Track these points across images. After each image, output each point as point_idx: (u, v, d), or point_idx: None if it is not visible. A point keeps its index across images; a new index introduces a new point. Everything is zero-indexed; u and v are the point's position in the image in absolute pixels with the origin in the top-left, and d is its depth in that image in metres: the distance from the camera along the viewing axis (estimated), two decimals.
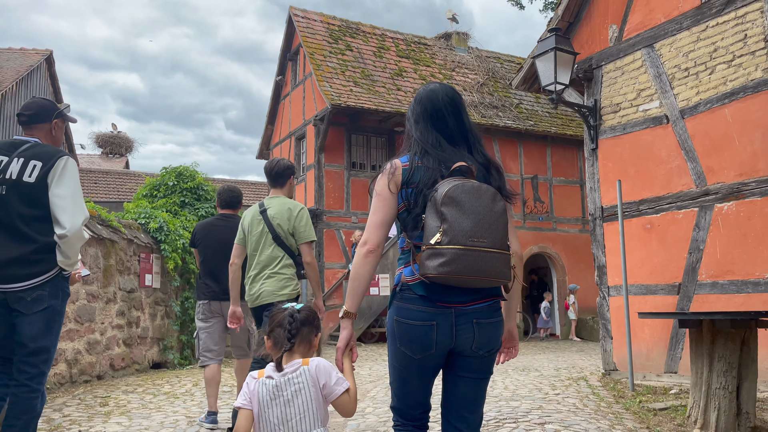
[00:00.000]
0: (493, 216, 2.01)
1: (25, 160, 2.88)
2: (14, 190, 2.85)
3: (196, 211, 9.99)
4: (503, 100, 16.00)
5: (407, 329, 2.04)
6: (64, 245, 2.85)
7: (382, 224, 2.10)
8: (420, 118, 2.20)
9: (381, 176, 2.14)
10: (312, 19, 15.66)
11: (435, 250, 1.94)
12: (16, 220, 2.83)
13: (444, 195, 1.97)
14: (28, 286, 2.78)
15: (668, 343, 6.25)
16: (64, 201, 2.86)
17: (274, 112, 17.68)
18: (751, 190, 5.60)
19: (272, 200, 4.07)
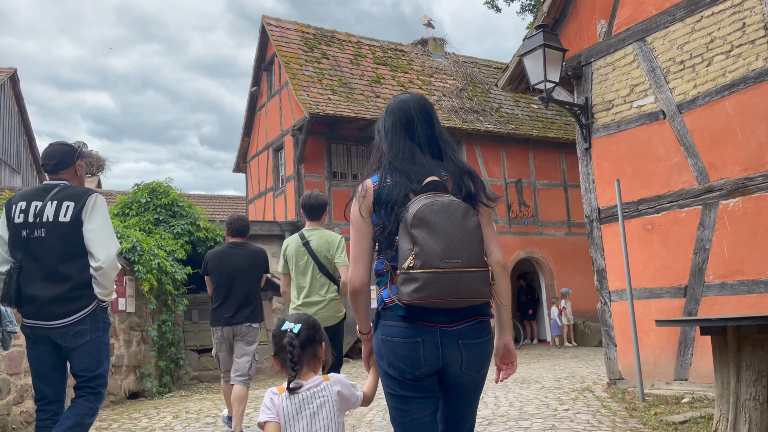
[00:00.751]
0: (465, 234, 1.91)
1: (59, 202, 3.09)
2: (52, 231, 3.06)
3: (172, 229, 9.52)
4: (483, 104, 15.78)
5: (392, 347, 1.97)
6: (101, 276, 3.07)
7: (362, 257, 2.05)
8: (390, 129, 2.13)
9: (354, 201, 2.07)
10: (286, 28, 15.30)
11: (408, 275, 1.87)
12: (56, 260, 3.05)
13: (413, 216, 1.89)
14: (70, 322, 3.03)
15: (676, 348, 5.95)
16: (96, 234, 3.09)
17: (250, 124, 17.24)
18: (758, 185, 5.34)
19: (312, 232, 4.43)
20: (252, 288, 4.96)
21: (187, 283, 9.22)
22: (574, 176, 16.17)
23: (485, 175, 14.84)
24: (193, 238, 9.78)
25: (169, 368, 8.53)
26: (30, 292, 3.04)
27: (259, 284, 5.08)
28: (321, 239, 4.34)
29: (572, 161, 16.24)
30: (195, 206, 10.35)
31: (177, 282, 8.81)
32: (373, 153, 2.19)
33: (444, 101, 15.23)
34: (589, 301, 14.93)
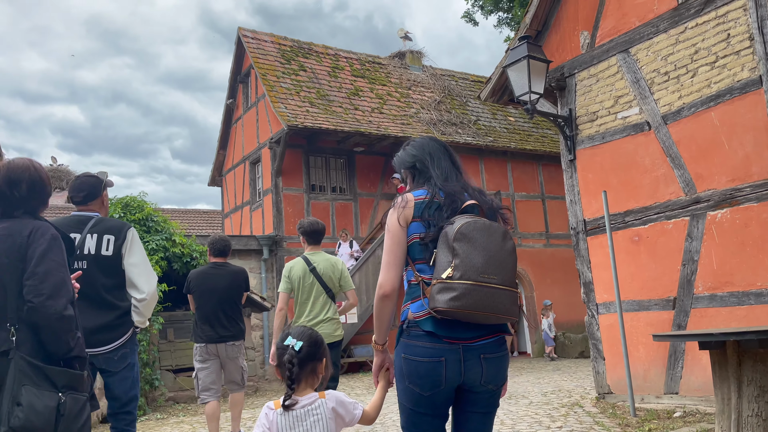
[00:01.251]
0: (503, 254, 2.06)
1: (99, 235, 3.28)
2: (95, 264, 3.25)
3: (146, 245, 9.21)
4: (461, 117, 15.77)
5: (416, 366, 2.06)
6: (143, 307, 3.33)
7: (395, 263, 2.14)
8: (425, 158, 2.33)
9: (392, 211, 2.19)
10: (262, 40, 15.12)
11: (446, 284, 1.98)
12: (101, 290, 3.25)
13: (456, 231, 2.02)
14: (115, 347, 3.25)
15: (666, 362, 5.88)
16: (138, 268, 3.33)
17: (225, 136, 16.96)
18: (745, 195, 5.32)
19: (315, 256, 4.82)
20: (234, 306, 5.28)
21: (163, 301, 8.92)
22: (551, 188, 16.23)
23: None
24: (169, 254, 9.49)
25: (144, 390, 8.21)
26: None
27: (241, 302, 5.39)
28: (326, 263, 4.80)
29: (550, 173, 16.31)
30: (170, 221, 10.06)
31: None
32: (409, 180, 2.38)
33: (422, 114, 15.18)
34: (569, 313, 14.93)
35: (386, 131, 13.77)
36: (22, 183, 2.30)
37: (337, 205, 14.32)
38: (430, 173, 2.29)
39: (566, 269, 15.41)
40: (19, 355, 2.10)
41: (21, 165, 2.33)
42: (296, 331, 2.16)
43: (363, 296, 12.33)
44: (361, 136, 13.57)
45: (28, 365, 2.10)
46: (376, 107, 14.79)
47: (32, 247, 2.20)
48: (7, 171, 2.30)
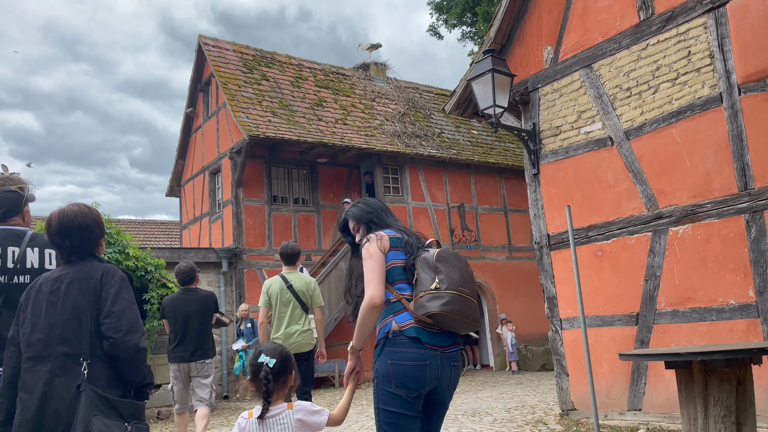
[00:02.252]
0: (469, 273, 2.59)
1: (40, 249, 3.05)
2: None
3: None
4: (425, 129, 15.75)
5: (403, 369, 2.39)
6: None
7: (381, 280, 2.50)
8: (380, 213, 2.82)
9: (371, 243, 2.59)
10: (224, 48, 14.84)
11: (435, 294, 2.44)
12: None
13: (437, 255, 2.55)
14: None
15: (629, 378, 5.86)
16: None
17: (184, 146, 16.56)
18: (706, 212, 5.35)
19: (291, 275, 5.45)
20: (204, 328, 5.82)
21: None
22: (514, 201, 16.33)
23: (428, 199, 14.75)
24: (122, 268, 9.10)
25: None
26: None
27: (210, 324, 5.93)
28: (301, 281, 5.43)
29: (512, 186, 16.41)
30: (124, 233, 9.68)
31: None
32: (365, 228, 2.79)
33: (387, 125, 15.11)
34: (531, 326, 14.98)
35: (350, 142, 13.64)
36: (73, 233, 2.48)
37: (299, 216, 14.09)
38: (387, 222, 2.77)
39: (529, 282, 15.48)
40: (90, 388, 2.29)
41: (71, 214, 2.50)
42: (268, 348, 2.41)
43: (326, 309, 12.09)
44: (324, 147, 13.40)
45: (98, 397, 2.29)
46: (340, 118, 14.65)
47: (105, 288, 2.41)
48: (59, 222, 2.49)
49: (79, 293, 2.41)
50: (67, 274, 2.47)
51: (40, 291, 2.47)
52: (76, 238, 2.48)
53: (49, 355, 2.35)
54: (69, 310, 2.40)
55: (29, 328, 2.41)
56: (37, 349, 2.37)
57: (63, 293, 2.42)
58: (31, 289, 2.52)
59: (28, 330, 2.41)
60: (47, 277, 2.52)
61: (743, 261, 5.10)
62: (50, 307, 2.42)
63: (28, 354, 2.38)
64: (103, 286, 2.42)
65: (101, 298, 2.41)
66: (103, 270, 2.48)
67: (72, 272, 2.47)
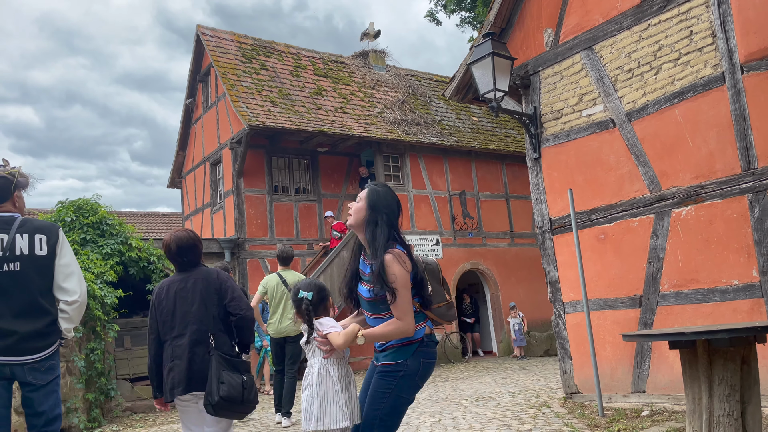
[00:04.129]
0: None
1: (30, 235, 3.09)
2: (30, 265, 3.06)
3: (100, 249, 8.84)
4: (425, 116, 15.68)
5: (429, 367, 2.80)
6: (74, 311, 3.15)
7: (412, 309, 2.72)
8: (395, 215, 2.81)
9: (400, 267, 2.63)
10: (222, 38, 14.76)
11: (450, 304, 2.96)
12: (35, 293, 3.05)
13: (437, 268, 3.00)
14: (42, 357, 3.04)
15: (633, 360, 5.86)
16: (70, 268, 3.16)
17: (185, 137, 16.52)
18: (709, 192, 5.32)
19: (286, 273, 6.78)
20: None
21: (119, 307, 8.55)
22: (515, 187, 16.29)
23: (429, 187, 14.71)
24: (125, 259, 9.12)
25: (99, 401, 7.84)
26: (6, 327, 2.97)
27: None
28: (294, 277, 6.71)
29: (513, 172, 16.36)
30: (126, 224, 9.68)
31: (107, 307, 8.15)
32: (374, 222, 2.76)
33: (387, 113, 15.04)
34: (534, 311, 14.99)
35: (350, 131, 13.59)
36: (186, 251, 3.50)
37: (300, 206, 14.07)
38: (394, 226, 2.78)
39: (531, 268, 15.48)
40: (217, 353, 3.32)
41: (183, 237, 3.51)
42: (305, 284, 2.87)
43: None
44: (324, 136, 13.35)
45: (222, 358, 3.31)
46: (340, 107, 14.59)
47: (222, 284, 3.47)
48: (177, 244, 3.48)
49: (204, 288, 3.42)
50: (189, 276, 3.48)
51: (169, 290, 3.46)
52: (189, 255, 3.51)
53: (186, 332, 3.35)
54: (198, 300, 3.39)
55: (169, 316, 3.41)
56: (179, 329, 3.37)
57: (191, 290, 3.42)
58: (161, 290, 3.48)
59: (169, 317, 3.41)
60: (171, 281, 3.50)
61: (747, 241, 5.08)
62: (181, 300, 3.41)
63: (173, 333, 3.38)
64: (220, 283, 3.46)
65: (221, 290, 3.43)
66: (216, 272, 3.53)
67: (192, 275, 3.48)
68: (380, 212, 2.73)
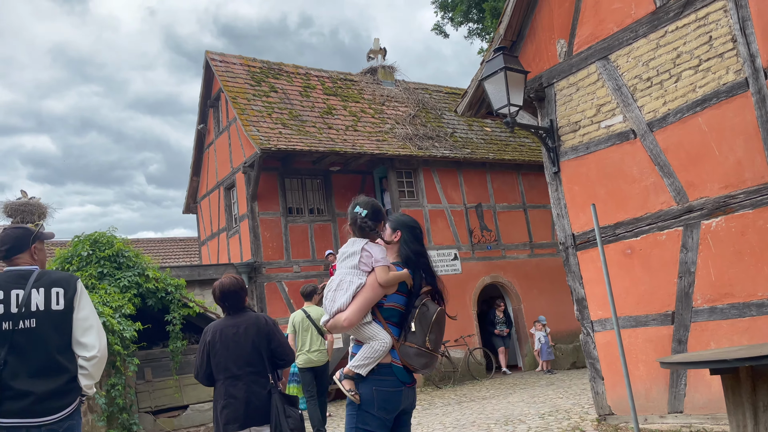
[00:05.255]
0: (443, 330, 2.91)
1: (46, 289, 2.97)
2: (47, 321, 2.94)
3: (118, 282, 8.77)
4: (437, 130, 15.55)
5: (387, 397, 2.73)
6: (93, 367, 3.00)
7: (365, 311, 2.84)
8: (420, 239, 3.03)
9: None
10: (231, 63, 14.79)
11: (423, 352, 2.77)
12: (53, 351, 2.92)
13: (436, 316, 2.83)
14: (61, 417, 2.89)
15: (668, 379, 5.63)
16: (89, 322, 3.02)
17: (198, 162, 16.55)
18: (740, 202, 5.12)
19: (310, 308, 7.44)
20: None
21: (138, 340, 8.47)
22: (532, 197, 16.07)
23: (444, 201, 14.55)
24: (142, 290, 9.05)
25: None
26: (22, 388, 2.85)
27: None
28: (317, 312, 7.32)
29: (529, 182, 16.15)
30: (143, 255, 9.62)
31: (126, 341, 8.06)
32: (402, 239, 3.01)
33: (398, 129, 14.94)
34: (558, 323, 14.70)
35: (362, 149, 13.50)
36: (230, 295, 3.97)
37: (315, 226, 13.97)
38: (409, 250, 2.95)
39: (552, 279, 15.21)
40: (277, 391, 3.84)
41: (228, 283, 3.98)
42: (362, 201, 2.96)
43: None
44: (336, 155, 13.27)
45: (281, 396, 3.84)
46: (351, 125, 14.52)
47: (270, 328, 3.95)
48: (220, 290, 3.98)
49: (255, 334, 3.86)
50: (240, 322, 3.91)
51: (223, 334, 3.86)
52: (231, 299, 3.96)
53: (242, 374, 3.78)
54: (251, 344, 3.83)
55: (223, 359, 3.82)
56: (234, 370, 3.79)
57: (243, 334, 3.84)
58: (215, 334, 3.89)
59: (223, 360, 3.82)
60: (224, 325, 3.92)
61: None
62: (235, 344, 3.83)
63: (227, 374, 3.80)
64: (268, 329, 3.93)
65: (269, 335, 3.90)
66: (264, 318, 3.99)
67: (243, 320, 3.91)
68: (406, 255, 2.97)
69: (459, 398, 10.44)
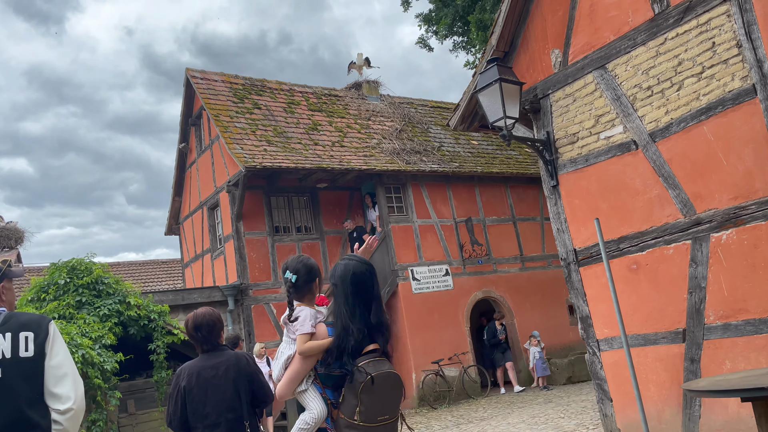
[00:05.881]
0: (396, 396, 2.58)
1: (13, 333, 2.63)
2: (14, 370, 2.59)
3: (97, 311, 8.38)
4: (424, 144, 15.34)
5: None
6: (69, 421, 2.64)
7: (296, 382, 2.69)
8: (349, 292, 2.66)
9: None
10: (212, 80, 14.48)
11: (353, 425, 2.50)
12: (22, 404, 2.56)
13: (362, 386, 2.48)
14: None
15: (681, 400, 5.38)
16: (62, 370, 2.63)
17: (180, 182, 16.15)
18: (751, 214, 4.91)
19: None
20: None
21: (120, 372, 8.06)
22: (521, 209, 15.89)
23: (434, 216, 14.30)
24: (124, 318, 8.66)
25: None
26: None
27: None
28: None
29: (518, 194, 15.98)
30: (124, 281, 9.24)
31: (107, 373, 7.66)
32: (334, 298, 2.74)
33: (385, 144, 14.71)
34: (551, 338, 14.46)
35: (349, 164, 13.23)
36: (205, 329, 3.53)
37: (303, 245, 13.64)
38: (340, 308, 2.62)
39: (544, 292, 15.01)
40: None
41: (202, 315, 3.56)
42: (291, 264, 2.71)
43: None
44: (323, 172, 12.99)
45: None
46: (337, 141, 14.26)
47: (252, 368, 3.56)
48: (194, 324, 3.55)
49: (236, 377, 3.45)
50: (220, 363, 3.49)
51: (200, 377, 3.44)
52: (204, 331, 3.53)
53: (222, 421, 3.40)
54: (232, 388, 3.43)
55: (201, 405, 3.40)
56: (213, 418, 3.39)
57: (223, 377, 3.44)
58: (191, 378, 3.46)
59: (201, 406, 3.40)
60: (200, 367, 3.49)
61: None
62: (214, 388, 3.42)
63: (206, 422, 3.39)
64: (251, 370, 3.53)
65: (251, 376, 3.52)
66: (245, 357, 3.60)
67: (222, 360, 3.50)
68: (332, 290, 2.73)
69: (456, 419, 10.12)
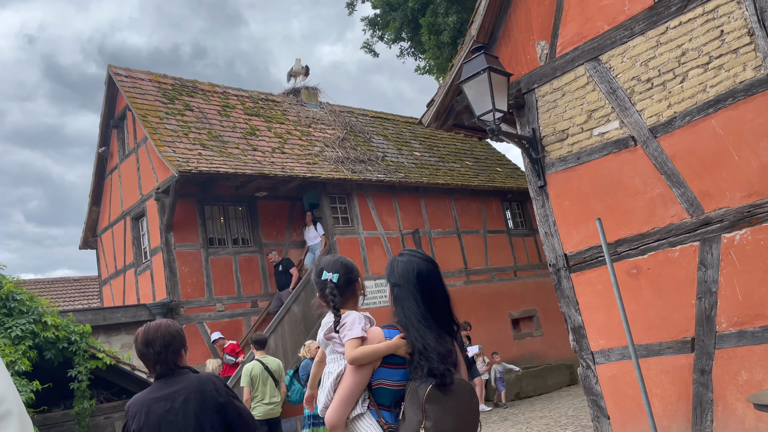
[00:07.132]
0: (470, 416, 2.16)
1: None
2: None
3: (9, 332, 7.12)
4: (368, 153, 14.75)
5: None
6: None
7: (352, 402, 2.28)
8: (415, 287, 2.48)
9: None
10: (138, 78, 13.28)
11: None
12: None
13: (428, 392, 2.17)
14: None
15: (690, 416, 4.97)
16: (3, 406, 1.77)
17: (98, 190, 14.68)
18: (767, 212, 4.60)
19: (266, 359, 7.38)
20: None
21: (35, 403, 6.84)
22: (465, 222, 15.59)
23: (380, 228, 13.68)
24: (39, 341, 7.42)
25: None
26: None
27: None
28: (274, 363, 7.37)
29: (462, 207, 15.68)
30: (39, 297, 7.99)
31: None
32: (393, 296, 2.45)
33: (327, 152, 13.98)
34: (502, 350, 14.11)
35: (292, 172, 12.40)
36: (155, 342, 2.77)
37: (240, 259, 12.61)
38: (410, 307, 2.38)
39: (489, 306, 14.74)
40: None
41: (154, 327, 2.83)
42: (328, 263, 2.40)
43: (281, 360, 10.67)
44: (264, 179, 12.07)
45: None
46: (277, 147, 13.40)
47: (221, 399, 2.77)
48: (143, 335, 2.81)
49: (199, 409, 2.69)
50: (176, 392, 2.70)
51: (150, 414, 2.67)
52: (163, 353, 2.76)
53: None
54: (193, 425, 2.67)
55: None
56: None
57: (181, 411, 2.67)
58: (140, 416, 2.68)
59: None
60: (152, 399, 2.71)
61: None
62: (169, 426, 2.65)
63: None
64: (221, 401, 2.75)
65: (222, 408, 2.74)
66: (212, 381, 2.81)
67: (180, 389, 2.71)
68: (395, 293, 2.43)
69: None
